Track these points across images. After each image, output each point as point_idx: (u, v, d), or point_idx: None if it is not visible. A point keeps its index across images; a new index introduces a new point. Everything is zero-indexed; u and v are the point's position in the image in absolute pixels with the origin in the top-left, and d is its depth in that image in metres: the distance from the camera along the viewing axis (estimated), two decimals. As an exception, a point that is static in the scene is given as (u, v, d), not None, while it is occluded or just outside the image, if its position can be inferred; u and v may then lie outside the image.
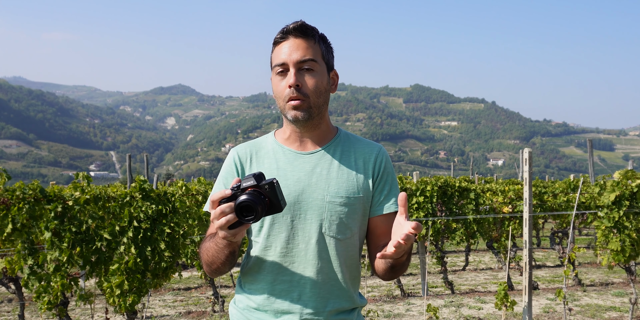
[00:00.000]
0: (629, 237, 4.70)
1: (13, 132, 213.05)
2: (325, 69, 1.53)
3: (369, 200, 1.54)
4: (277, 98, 1.52)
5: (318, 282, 1.48)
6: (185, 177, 71.65)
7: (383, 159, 1.59)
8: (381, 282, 7.79)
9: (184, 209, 4.19)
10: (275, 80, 1.50)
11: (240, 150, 1.61)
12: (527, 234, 4.40)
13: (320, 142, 1.57)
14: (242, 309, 1.55)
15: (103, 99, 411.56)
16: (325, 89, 1.52)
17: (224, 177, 1.59)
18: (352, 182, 1.52)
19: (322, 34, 1.54)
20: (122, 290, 3.80)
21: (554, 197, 7.73)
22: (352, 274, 1.55)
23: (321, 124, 1.56)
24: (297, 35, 1.48)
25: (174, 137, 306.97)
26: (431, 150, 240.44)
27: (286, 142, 1.58)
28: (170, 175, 45.35)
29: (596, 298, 6.59)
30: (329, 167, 1.53)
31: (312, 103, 1.48)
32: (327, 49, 1.54)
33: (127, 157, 8.71)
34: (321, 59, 1.51)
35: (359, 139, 1.64)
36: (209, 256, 1.44)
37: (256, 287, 1.52)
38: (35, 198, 3.83)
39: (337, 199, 1.49)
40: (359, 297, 1.58)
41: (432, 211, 6.74)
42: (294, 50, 1.46)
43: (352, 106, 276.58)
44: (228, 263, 1.45)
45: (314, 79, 1.48)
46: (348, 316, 1.53)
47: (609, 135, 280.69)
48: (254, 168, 1.56)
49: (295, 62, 1.46)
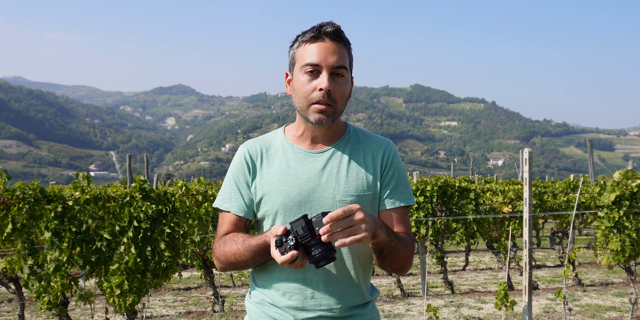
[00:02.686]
0: (629, 237, 4.70)
1: (13, 132, 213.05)
2: (350, 77, 1.55)
3: (377, 197, 1.56)
4: (299, 96, 1.51)
5: (331, 280, 1.50)
6: (185, 177, 71.63)
7: (390, 153, 1.60)
8: (381, 282, 7.79)
9: (184, 209, 4.19)
10: (303, 79, 1.49)
11: (251, 147, 1.61)
12: (527, 234, 4.40)
13: (330, 140, 1.58)
14: (257, 303, 1.57)
15: (103, 99, 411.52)
16: (348, 96, 1.54)
17: (235, 174, 1.59)
18: (362, 180, 1.54)
19: (348, 40, 1.55)
20: (122, 290, 3.81)
21: (554, 197, 7.73)
22: (364, 269, 1.57)
23: (334, 124, 1.58)
24: (334, 38, 1.48)
25: (174, 137, 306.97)
26: (431, 150, 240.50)
27: (297, 141, 1.59)
28: (170, 175, 45.36)
29: (596, 298, 6.59)
30: (338, 166, 1.54)
31: (338, 109, 1.50)
32: (352, 56, 1.57)
33: (127, 157, 8.71)
34: (349, 66, 1.53)
35: (368, 134, 1.65)
36: (237, 259, 1.49)
37: (270, 284, 1.54)
38: (35, 198, 3.83)
39: (348, 197, 1.50)
40: (370, 290, 1.60)
41: (432, 211, 6.74)
42: (329, 54, 1.46)
43: (352, 106, 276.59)
44: (257, 265, 1.53)
45: (343, 86, 1.50)
46: (362, 310, 1.55)
47: (609, 135, 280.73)
48: (265, 166, 1.57)
49: (330, 67, 1.46)
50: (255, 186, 1.56)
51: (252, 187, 1.56)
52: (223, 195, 1.60)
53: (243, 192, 1.57)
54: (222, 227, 1.58)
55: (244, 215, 1.56)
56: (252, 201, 1.56)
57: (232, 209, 1.56)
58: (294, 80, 1.52)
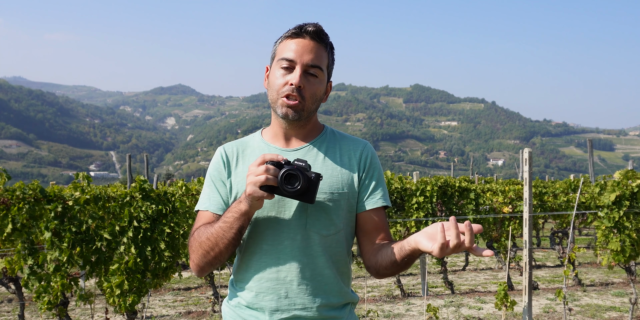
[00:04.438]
0: (629, 237, 4.70)
1: (13, 132, 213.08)
2: (326, 79, 1.55)
3: (354, 196, 1.55)
4: (271, 89, 1.52)
5: (305, 278, 1.48)
6: (185, 177, 71.64)
7: (369, 154, 1.60)
8: (381, 282, 7.79)
9: (184, 209, 4.19)
10: (278, 73, 1.50)
11: (228, 148, 1.62)
12: (527, 234, 4.40)
13: (305, 139, 1.59)
14: (233, 306, 1.56)
15: (103, 99, 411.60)
16: (320, 98, 1.54)
17: (212, 174, 1.59)
18: (337, 178, 1.53)
19: (332, 44, 1.56)
20: (122, 290, 3.80)
21: (554, 197, 7.73)
22: (340, 270, 1.55)
23: (308, 124, 1.58)
24: (313, 37, 1.49)
25: (174, 137, 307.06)
26: (431, 150, 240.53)
27: (272, 140, 1.60)
28: (170, 175, 45.34)
29: (596, 298, 6.59)
30: (313, 163, 1.54)
31: (306, 107, 1.50)
32: (332, 60, 1.57)
33: (127, 157, 8.71)
34: (326, 68, 1.53)
35: (345, 135, 1.65)
36: (211, 240, 1.42)
37: (245, 285, 1.53)
38: (35, 198, 3.83)
39: (321, 195, 1.49)
40: (350, 293, 1.58)
41: (432, 211, 6.74)
42: (306, 52, 1.48)
43: (352, 106, 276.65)
44: (231, 246, 1.42)
45: (315, 85, 1.50)
46: (340, 313, 1.53)
47: (609, 135, 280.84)
48: (240, 166, 1.57)
49: (304, 64, 1.48)
50: (231, 184, 1.55)
51: (227, 185, 1.56)
52: (202, 197, 1.59)
53: (220, 190, 1.56)
54: (198, 224, 1.54)
55: (221, 213, 1.53)
56: (229, 199, 1.55)
57: (211, 208, 1.54)
58: (270, 73, 1.54)
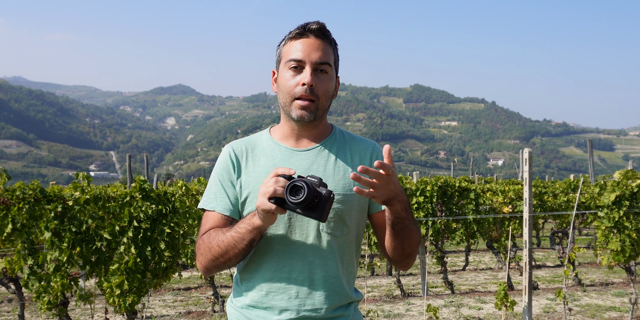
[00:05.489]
0: (629, 237, 4.70)
1: (13, 132, 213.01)
2: (334, 74, 1.55)
3: (366, 197, 1.54)
4: (282, 92, 1.51)
5: (315, 279, 1.48)
6: (185, 177, 71.65)
7: (378, 155, 1.60)
8: (381, 282, 7.79)
9: (184, 209, 4.18)
10: (287, 75, 1.49)
11: (236, 146, 1.60)
12: (527, 234, 4.40)
13: (316, 139, 1.58)
14: (239, 307, 1.54)
15: (103, 99, 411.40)
16: (332, 94, 1.54)
17: (219, 173, 1.57)
18: (349, 179, 1.52)
19: (335, 40, 1.56)
20: (122, 290, 3.80)
21: (554, 197, 7.73)
22: (349, 270, 1.56)
23: (320, 124, 1.58)
24: (318, 35, 1.49)
25: (174, 137, 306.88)
26: (431, 150, 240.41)
27: (282, 140, 1.58)
28: (170, 175, 45.33)
29: (596, 298, 6.59)
30: (325, 164, 1.54)
31: (320, 105, 1.50)
32: (337, 56, 1.57)
33: (127, 157, 8.71)
34: (333, 63, 1.53)
35: (353, 136, 1.65)
36: (221, 248, 1.41)
37: (254, 284, 1.51)
38: (35, 198, 3.83)
39: (335, 196, 1.49)
40: (354, 292, 1.59)
41: (432, 211, 6.74)
42: (313, 50, 1.48)
43: (352, 106, 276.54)
44: (241, 255, 1.43)
45: (327, 82, 1.50)
46: (345, 311, 1.54)
47: (609, 135, 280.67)
48: (250, 165, 1.55)
49: (314, 63, 1.47)
50: (241, 185, 1.53)
51: (237, 186, 1.54)
52: (208, 195, 1.56)
53: (228, 191, 1.54)
54: (206, 225, 1.53)
55: (229, 215, 1.52)
56: (238, 200, 1.54)
57: (218, 208, 1.52)
58: (279, 76, 1.53)
